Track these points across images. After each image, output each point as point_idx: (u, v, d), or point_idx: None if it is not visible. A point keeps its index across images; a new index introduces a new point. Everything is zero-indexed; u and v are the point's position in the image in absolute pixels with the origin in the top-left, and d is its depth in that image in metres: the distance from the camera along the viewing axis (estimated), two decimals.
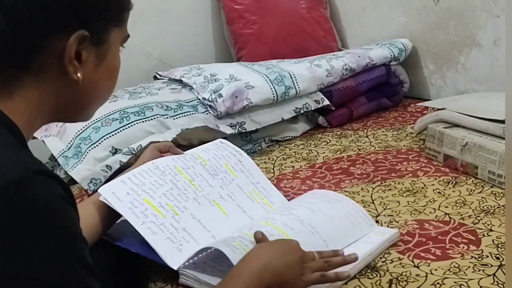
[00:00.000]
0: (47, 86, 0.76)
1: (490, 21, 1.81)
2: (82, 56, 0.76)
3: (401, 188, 1.38)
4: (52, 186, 0.68)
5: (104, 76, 0.82)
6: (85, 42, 0.76)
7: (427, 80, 2.09)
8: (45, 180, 0.67)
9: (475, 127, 1.42)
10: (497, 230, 1.15)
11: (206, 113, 1.72)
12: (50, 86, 0.77)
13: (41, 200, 0.66)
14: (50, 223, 0.66)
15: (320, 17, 2.28)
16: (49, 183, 0.68)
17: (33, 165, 0.68)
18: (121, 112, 1.65)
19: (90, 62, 0.78)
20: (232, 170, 1.26)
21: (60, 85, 0.77)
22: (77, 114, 0.85)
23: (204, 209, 1.15)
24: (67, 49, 0.74)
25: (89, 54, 0.77)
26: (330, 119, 1.92)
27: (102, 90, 0.83)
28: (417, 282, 1.00)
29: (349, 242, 1.10)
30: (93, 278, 0.70)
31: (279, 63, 1.96)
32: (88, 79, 0.78)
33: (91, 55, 0.78)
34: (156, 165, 1.18)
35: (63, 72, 0.76)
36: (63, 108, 0.80)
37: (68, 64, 0.75)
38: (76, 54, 0.76)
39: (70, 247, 0.68)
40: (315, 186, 1.46)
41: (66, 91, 0.78)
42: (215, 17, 2.39)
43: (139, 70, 2.21)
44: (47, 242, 0.66)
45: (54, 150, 1.67)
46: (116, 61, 0.83)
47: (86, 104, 0.83)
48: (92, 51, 0.78)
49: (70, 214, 0.69)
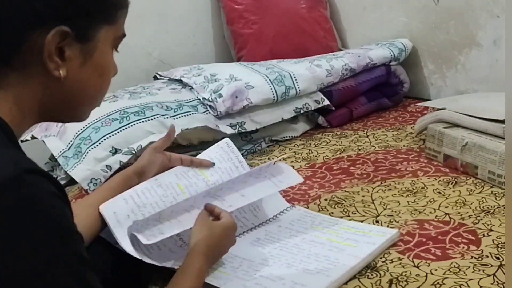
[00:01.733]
0: (32, 83, 0.75)
1: (490, 21, 1.81)
2: (65, 52, 0.75)
3: (401, 188, 1.38)
4: (44, 183, 0.68)
5: (91, 74, 0.79)
6: (68, 39, 0.74)
7: (427, 80, 2.09)
8: (36, 178, 0.67)
9: (475, 127, 1.42)
10: (497, 230, 1.15)
11: (206, 113, 1.72)
12: (35, 83, 0.75)
13: (34, 197, 0.66)
14: (44, 220, 0.66)
15: (320, 17, 2.28)
16: (40, 181, 0.67)
17: (25, 164, 0.68)
18: (121, 112, 1.65)
19: (75, 60, 0.76)
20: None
21: (45, 82, 0.76)
22: (69, 113, 0.83)
23: None
24: (45, 45, 0.73)
25: (72, 51, 0.76)
26: (330, 119, 1.92)
27: (91, 88, 0.81)
28: (417, 282, 1.00)
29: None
30: (91, 273, 0.70)
31: (279, 63, 1.96)
32: (74, 77, 0.77)
33: (75, 52, 0.76)
34: (159, 183, 1.18)
35: (46, 70, 0.75)
36: (52, 106, 0.79)
37: (48, 60, 0.74)
38: (59, 50, 0.74)
39: (66, 243, 0.68)
40: (315, 186, 1.46)
41: (52, 88, 0.77)
42: (215, 17, 2.39)
43: (139, 70, 2.21)
44: (42, 240, 0.65)
45: (54, 150, 1.66)
46: (105, 60, 0.81)
47: (76, 103, 0.81)
48: (76, 48, 0.76)
49: (63, 210, 0.69)
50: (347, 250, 1.09)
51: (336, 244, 1.12)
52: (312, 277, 1.02)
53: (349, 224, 1.21)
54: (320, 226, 1.20)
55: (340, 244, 1.12)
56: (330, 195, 1.39)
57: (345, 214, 1.29)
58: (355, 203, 1.33)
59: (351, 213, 1.29)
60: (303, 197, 1.40)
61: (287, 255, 1.11)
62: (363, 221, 1.24)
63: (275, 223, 1.24)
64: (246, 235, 1.20)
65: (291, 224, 1.23)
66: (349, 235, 1.15)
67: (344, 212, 1.30)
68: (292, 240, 1.16)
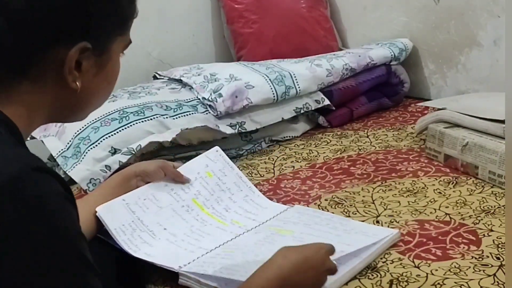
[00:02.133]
0: (45, 92, 0.76)
1: (491, 21, 1.81)
2: (82, 65, 0.76)
3: (402, 188, 1.38)
4: (51, 183, 0.68)
5: (102, 83, 0.82)
6: (87, 52, 0.76)
7: (427, 80, 2.09)
8: (44, 177, 0.67)
9: (475, 127, 1.42)
10: (497, 230, 1.15)
11: (206, 113, 1.72)
12: (48, 92, 0.77)
13: (41, 197, 0.66)
14: (50, 221, 0.66)
15: (320, 16, 2.28)
16: (48, 180, 0.67)
17: (32, 162, 0.68)
18: (121, 112, 1.65)
19: (90, 71, 0.78)
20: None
21: (58, 92, 0.77)
22: (74, 116, 0.85)
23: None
24: (67, 60, 0.74)
25: (89, 63, 0.77)
26: (331, 119, 1.91)
27: (100, 95, 0.84)
28: (417, 283, 1.00)
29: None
30: (94, 276, 0.70)
31: (279, 62, 1.95)
32: (87, 86, 0.78)
33: (91, 64, 0.78)
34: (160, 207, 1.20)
35: (62, 80, 0.76)
36: (60, 111, 0.80)
37: (67, 73, 0.75)
38: (76, 63, 0.76)
39: (70, 245, 0.68)
40: (315, 186, 1.46)
41: (64, 97, 0.78)
42: (215, 16, 2.39)
43: (139, 70, 2.20)
44: (47, 240, 0.65)
45: (53, 150, 1.66)
46: (116, 68, 0.83)
47: (84, 108, 0.84)
48: (92, 60, 0.78)
49: (69, 211, 0.69)
50: (347, 250, 1.09)
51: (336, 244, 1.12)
52: None
53: (349, 224, 1.20)
54: (319, 225, 1.20)
55: (340, 244, 1.12)
56: (330, 195, 1.39)
57: (345, 214, 1.28)
58: (355, 203, 1.33)
59: (352, 213, 1.29)
60: (303, 197, 1.39)
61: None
62: (363, 221, 1.24)
63: (274, 222, 1.24)
64: (245, 234, 1.19)
65: (291, 224, 1.22)
66: (349, 235, 1.14)
67: (344, 212, 1.30)
68: (292, 241, 1.15)
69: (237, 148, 1.73)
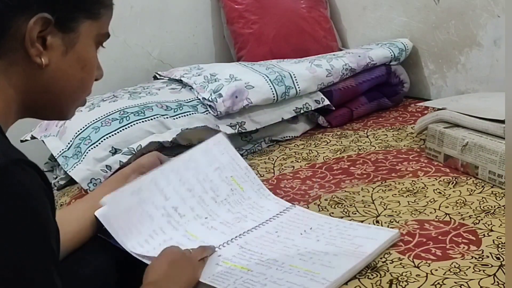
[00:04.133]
0: (14, 71, 0.77)
1: (491, 21, 1.81)
2: (47, 41, 0.77)
3: (402, 188, 1.38)
4: (31, 175, 0.68)
5: (73, 66, 0.81)
6: (50, 27, 0.76)
7: (427, 80, 2.09)
8: (23, 169, 0.67)
9: (475, 127, 1.42)
10: (497, 230, 1.15)
11: (206, 113, 1.72)
12: (18, 71, 0.77)
13: (19, 189, 0.66)
14: (27, 213, 0.66)
15: (320, 17, 2.28)
16: (27, 172, 0.68)
17: (12, 154, 0.68)
18: (121, 112, 1.65)
19: (57, 48, 0.78)
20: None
21: (27, 70, 0.77)
22: (53, 108, 0.84)
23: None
24: (27, 31, 0.75)
25: (54, 39, 0.77)
26: (330, 119, 1.91)
27: (73, 80, 0.82)
28: (417, 283, 1.00)
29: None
30: (57, 274, 0.70)
31: (279, 63, 1.95)
32: (56, 66, 0.79)
33: (57, 41, 0.78)
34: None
35: (29, 56, 0.76)
36: (35, 97, 0.80)
37: (30, 46, 0.75)
38: (42, 39, 0.76)
39: (43, 239, 0.68)
40: (315, 186, 1.46)
41: (34, 77, 0.78)
42: (215, 17, 2.39)
43: (139, 70, 2.20)
44: (19, 232, 0.66)
45: (53, 150, 1.66)
46: (87, 53, 0.83)
47: (59, 95, 0.82)
48: (58, 38, 0.78)
49: (45, 204, 0.70)
50: (347, 250, 1.09)
51: (336, 244, 1.12)
52: (312, 278, 1.02)
53: (349, 224, 1.21)
54: (320, 226, 1.20)
55: (340, 244, 1.12)
56: (330, 195, 1.39)
57: (345, 214, 1.29)
58: (355, 203, 1.33)
59: (351, 213, 1.29)
60: (303, 197, 1.39)
61: (286, 255, 1.11)
62: (363, 221, 1.24)
63: (274, 222, 1.24)
64: (246, 235, 1.20)
65: (291, 224, 1.23)
66: (349, 235, 1.15)
67: (344, 212, 1.30)
68: (292, 241, 1.16)
69: (237, 148, 1.71)
